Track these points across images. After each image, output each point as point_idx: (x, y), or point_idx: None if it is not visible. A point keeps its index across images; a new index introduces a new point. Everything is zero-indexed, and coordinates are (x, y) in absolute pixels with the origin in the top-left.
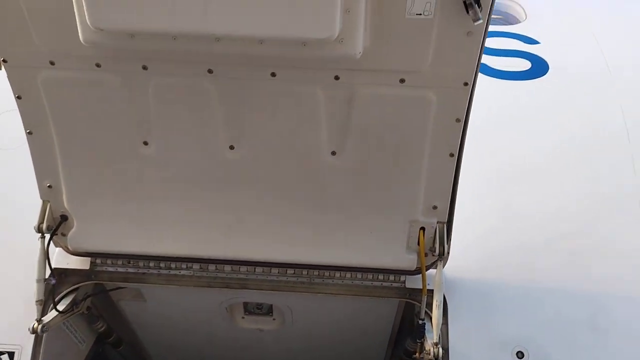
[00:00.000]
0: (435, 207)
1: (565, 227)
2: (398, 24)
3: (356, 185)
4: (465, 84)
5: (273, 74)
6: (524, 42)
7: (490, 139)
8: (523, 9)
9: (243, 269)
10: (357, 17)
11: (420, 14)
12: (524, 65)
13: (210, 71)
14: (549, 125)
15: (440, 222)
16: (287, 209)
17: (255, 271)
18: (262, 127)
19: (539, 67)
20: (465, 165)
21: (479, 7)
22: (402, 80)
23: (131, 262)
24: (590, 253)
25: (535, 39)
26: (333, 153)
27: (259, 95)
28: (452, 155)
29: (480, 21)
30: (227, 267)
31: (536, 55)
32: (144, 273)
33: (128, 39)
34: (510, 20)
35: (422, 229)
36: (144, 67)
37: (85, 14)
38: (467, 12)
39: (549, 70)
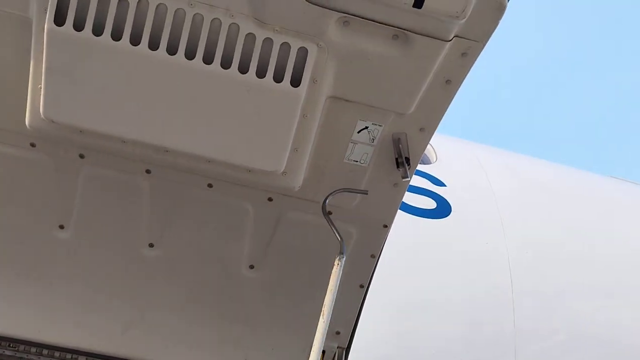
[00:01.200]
0: (338, 333)
1: None
2: (336, 165)
3: (267, 301)
4: (385, 226)
5: (210, 185)
6: (432, 183)
7: (391, 272)
8: (434, 150)
9: None
10: (303, 156)
11: (357, 161)
12: (430, 204)
13: (148, 171)
14: (443, 265)
15: (340, 347)
16: (195, 314)
17: None
18: (186, 231)
19: (442, 208)
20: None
21: (408, 166)
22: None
23: (11, 345)
24: None
25: (443, 181)
26: (251, 267)
27: (191, 202)
28: (362, 286)
29: (408, 179)
30: None
31: (441, 197)
32: (20, 358)
33: (76, 132)
34: (423, 159)
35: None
36: (81, 156)
37: (41, 104)
38: (398, 168)
39: (451, 213)
